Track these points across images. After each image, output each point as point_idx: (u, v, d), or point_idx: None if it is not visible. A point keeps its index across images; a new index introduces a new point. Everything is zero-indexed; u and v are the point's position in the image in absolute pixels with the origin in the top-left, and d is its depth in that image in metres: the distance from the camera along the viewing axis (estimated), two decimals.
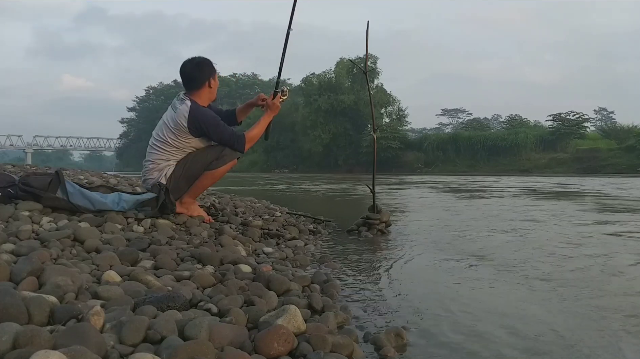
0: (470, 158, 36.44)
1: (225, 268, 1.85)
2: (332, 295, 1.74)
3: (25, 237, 1.90)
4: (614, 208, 5.76)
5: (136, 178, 6.56)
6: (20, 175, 2.71)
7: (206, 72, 2.83)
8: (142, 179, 2.89)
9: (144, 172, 2.84)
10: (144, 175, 2.85)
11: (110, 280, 1.48)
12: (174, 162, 2.79)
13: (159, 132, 2.80)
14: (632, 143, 30.61)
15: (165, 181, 2.73)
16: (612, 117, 52.89)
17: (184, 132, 2.72)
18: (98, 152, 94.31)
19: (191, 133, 2.73)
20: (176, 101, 2.81)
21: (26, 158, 69.93)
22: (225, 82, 69.61)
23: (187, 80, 2.83)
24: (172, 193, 2.70)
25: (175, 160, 2.79)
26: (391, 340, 1.33)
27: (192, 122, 2.70)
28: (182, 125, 2.70)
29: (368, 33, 3.68)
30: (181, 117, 2.70)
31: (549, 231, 3.62)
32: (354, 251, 2.79)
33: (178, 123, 2.71)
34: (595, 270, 2.30)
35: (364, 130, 39.72)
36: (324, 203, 7.40)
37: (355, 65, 25.91)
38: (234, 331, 1.13)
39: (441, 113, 65.79)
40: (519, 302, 1.79)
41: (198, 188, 2.85)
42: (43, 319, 1.08)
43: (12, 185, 2.49)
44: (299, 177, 23.25)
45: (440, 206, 6.35)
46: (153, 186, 2.72)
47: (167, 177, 2.76)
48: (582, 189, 10.45)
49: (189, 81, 2.83)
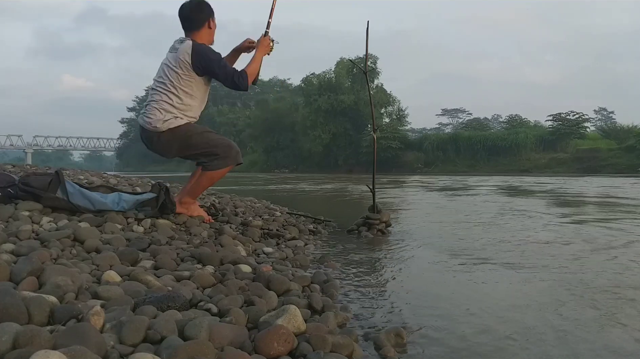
0: (470, 158, 36.42)
1: (225, 268, 1.85)
2: (332, 295, 1.74)
3: (25, 237, 1.90)
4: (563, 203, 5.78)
5: (136, 178, 6.56)
6: (20, 175, 2.71)
7: (206, 11, 2.81)
8: (142, 120, 2.76)
9: (143, 113, 2.77)
10: (143, 117, 2.76)
11: (110, 280, 1.48)
12: (175, 110, 2.70)
13: (161, 74, 2.74)
14: (632, 143, 30.58)
15: (163, 127, 2.67)
16: (612, 117, 52.84)
17: (187, 70, 2.67)
18: (98, 152, 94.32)
19: (194, 70, 2.68)
20: (175, 44, 2.77)
21: (26, 158, 69.93)
22: None
23: (186, 21, 2.79)
24: (164, 149, 2.72)
25: (174, 107, 2.69)
26: (391, 340, 1.34)
27: (195, 58, 2.66)
28: (186, 62, 2.66)
29: (368, 33, 3.68)
30: (184, 54, 2.66)
31: (552, 231, 3.62)
32: (354, 251, 2.79)
33: (181, 60, 2.66)
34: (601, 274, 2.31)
35: (364, 130, 39.69)
36: (324, 203, 7.40)
37: (355, 65, 25.92)
38: (234, 331, 1.13)
39: (441, 113, 65.79)
40: (519, 302, 1.79)
41: (197, 188, 2.85)
42: (43, 319, 1.08)
43: (12, 185, 2.49)
44: (299, 176, 23.25)
45: (441, 206, 6.35)
46: (153, 186, 2.72)
47: (165, 122, 2.68)
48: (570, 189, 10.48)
49: (189, 22, 2.79)
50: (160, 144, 2.73)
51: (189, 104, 2.74)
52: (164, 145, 2.74)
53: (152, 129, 2.71)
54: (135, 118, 78.23)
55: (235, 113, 60.35)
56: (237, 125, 55.91)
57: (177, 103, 2.70)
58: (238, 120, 56.77)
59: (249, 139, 51.04)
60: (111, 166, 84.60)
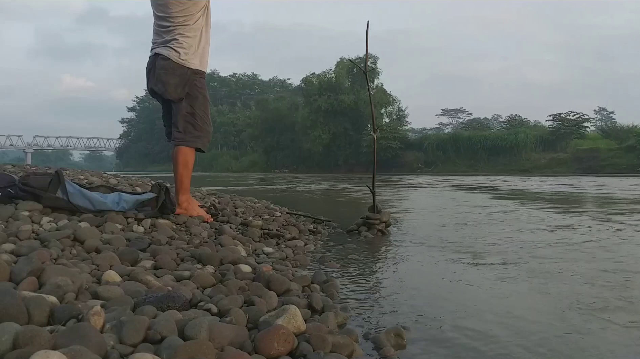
0: (470, 158, 36.45)
1: (225, 268, 1.85)
2: (332, 295, 1.74)
3: (25, 237, 1.89)
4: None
5: (136, 178, 6.56)
6: (20, 175, 2.71)
7: None
8: (154, 47, 2.86)
9: (154, 42, 2.86)
10: (154, 44, 2.86)
11: (110, 280, 1.48)
12: (182, 37, 2.78)
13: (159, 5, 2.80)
14: (632, 143, 30.60)
15: (178, 52, 2.76)
16: (612, 117, 52.81)
17: None
18: (98, 152, 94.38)
19: None
20: None
21: (26, 158, 69.99)
22: (226, 82, 69.64)
23: None
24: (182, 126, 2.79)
25: (182, 35, 2.78)
26: (391, 340, 1.33)
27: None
28: None
29: (368, 33, 3.68)
30: None
31: (557, 232, 3.62)
32: (354, 251, 2.79)
33: None
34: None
35: (364, 130, 39.71)
36: (323, 203, 7.39)
37: (355, 65, 25.90)
38: (234, 331, 1.13)
39: (441, 113, 65.73)
40: (520, 301, 1.79)
41: (180, 180, 2.88)
42: (43, 319, 1.08)
43: (12, 185, 2.49)
44: (299, 176, 23.25)
45: (441, 206, 6.35)
46: (153, 186, 2.72)
47: (174, 49, 2.76)
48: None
49: None
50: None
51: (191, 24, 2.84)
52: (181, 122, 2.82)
53: None
54: (135, 118, 78.39)
55: (235, 113, 60.39)
56: (237, 125, 55.95)
57: (182, 28, 2.80)
58: (238, 120, 56.80)
59: (249, 139, 51.06)
60: (111, 166, 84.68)
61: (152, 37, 2.91)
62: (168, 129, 2.98)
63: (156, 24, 2.87)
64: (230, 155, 54.22)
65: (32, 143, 77.51)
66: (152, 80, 2.84)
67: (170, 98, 2.82)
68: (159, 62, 2.79)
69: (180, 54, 2.78)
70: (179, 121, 2.83)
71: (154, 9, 2.87)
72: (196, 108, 2.85)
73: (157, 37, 2.86)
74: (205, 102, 2.91)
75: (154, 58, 2.84)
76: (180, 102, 2.82)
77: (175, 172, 2.88)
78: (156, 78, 2.80)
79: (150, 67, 2.87)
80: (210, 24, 2.96)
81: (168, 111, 2.96)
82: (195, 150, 2.89)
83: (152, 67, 2.85)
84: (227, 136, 57.37)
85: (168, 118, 2.97)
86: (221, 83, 70.42)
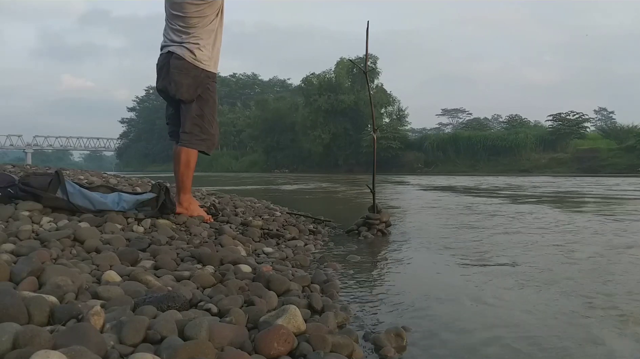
0: (470, 158, 36.42)
1: (225, 268, 1.85)
2: (332, 295, 1.74)
3: (25, 237, 1.89)
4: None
5: (136, 178, 6.56)
6: (20, 175, 2.71)
7: None
8: (164, 44, 2.85)
9: (164, 42, 2.84)
10: (166, 42, 2.83)
11: (110, 280, 1.48)
12: (197, 39, 2.77)
13: (171, 8, 2.78)
14: (632, 143, 30.57)
15: (192, 53, 2.74)
16: (612, 117, 52.75)
17: None
18: (98, 152, 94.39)
19: None
20: None
21: (26, 158, 70.00)
22: (226, 82, 69.59)
23: None
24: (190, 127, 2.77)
25: (198, 36, 2.77)
26: (391, 340, 1.33)
27: None
28: None
29: (368, 33, 3.68)
30: None
31: (558, 233, 3.62)
32: (354, 251, 2.79)
33: None
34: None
35: (364, 130, 39.68)
36: (323, 203, 7.39)
37: (355, 65, 25.92)
38: (234, 331, 1.13)
39: (441, 113, 65.72)
40: (520, 301, 1.79)
41: (181, 180, 2.86)
42: (43, 319, 1.08)
43: (12, 185, 2.49)
44: (299, 176, 23.25)
45: (440, 206, 6.34)
46: (153, 186, 2.72)
47: (188, 49, 2.74)
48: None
49: None
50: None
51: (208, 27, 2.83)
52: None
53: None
54: (135, 118, 78.36)
55: (235, 113, 60.35)
56: (237, 125, 55.92)
57: (197, 30, 2.79)
58: (238, 120, 56.76)
59: (249, 139, 51.05)
60: (111, 166, 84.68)
61: (164, 33, 2.87)
62: (172, 128, 2.95)
63: (169, 22, 2.83)
64: (230, 155, 54.18)
65: (32, 143, 77.51)
66: (166, 79, 2.79)
67: (182, 98, 2.79)
68: (173, 61, 2.76)
69: (196, 55, 2.76)
70: (187, 122, 2.80)
71: (168, 6, 2.83)
72: (205, 111, 2.82)
73: (170, 35, 2.82)
74: (214, 105, 2.89)
75: (166, 56, 2.80)
76: (190, 103, 2.80)
77: (177, 172, 2.86)
78: (170, 77, 2.76)
79: (162, 65, 2.83)
80: (223, 27, 2.94)
81: (176, 110, 2.92)
82: (198, 151, 2.87)
83: (164, 65, 2.81)
84: (227, 136, 57.36)
85: (175, 117, 2.93)
86: (221, 83, 70.32)
